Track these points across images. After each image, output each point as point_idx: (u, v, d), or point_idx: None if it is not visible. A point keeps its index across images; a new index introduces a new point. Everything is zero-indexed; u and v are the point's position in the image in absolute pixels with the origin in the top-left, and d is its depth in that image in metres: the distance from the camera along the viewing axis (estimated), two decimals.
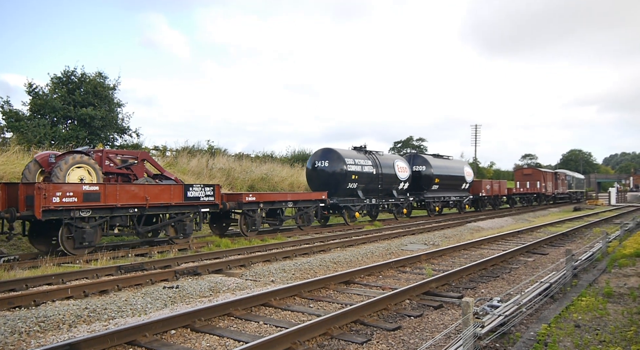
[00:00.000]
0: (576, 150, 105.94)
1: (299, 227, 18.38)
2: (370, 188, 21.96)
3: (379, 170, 22.20)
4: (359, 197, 21.22)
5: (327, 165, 20.36)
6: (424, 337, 5.79)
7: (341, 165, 20.16)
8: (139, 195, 12.63)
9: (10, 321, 6.09)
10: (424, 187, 25.97)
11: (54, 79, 25.63)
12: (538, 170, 41.59)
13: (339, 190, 20.28)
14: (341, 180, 20.16)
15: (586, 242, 15.35)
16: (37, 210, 10.51)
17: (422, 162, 26.23)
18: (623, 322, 5.99)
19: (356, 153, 21.71)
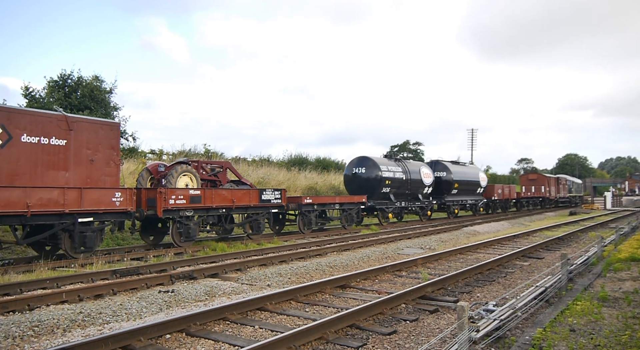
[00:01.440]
0: (572, 155, 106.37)
1: (343, 226, 20.66)
2: (400, 192, 24.40)
3: (408, 176, 24.77)
4: (391, 200, 23.70)
5: (364, 172, 22.94)
6: (420, 341, 5.79)
7: (376, 171, 22.73)
8: (228, 198, 15.12)
9: (4, 326, 6.05)
10: (445, 192, 28.30)
11: (50, 82, 25.60)
12: (543, 175, 43.69)
13: (374, 194, 22.61)
14: (376, 185, 22.65)
15: (582, 246, 15.40)
16: (159, 210, 12.97)
17: (442, 169, 28.65)
18: (618, 326, 6.01)
19: (387, 160, 24.43)
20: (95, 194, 11.66)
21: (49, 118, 11.23)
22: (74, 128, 11.62)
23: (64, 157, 11.45)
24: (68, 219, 11.14)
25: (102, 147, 12.23)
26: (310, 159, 37.74)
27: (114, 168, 12.51)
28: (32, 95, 24.80)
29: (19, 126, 10.62)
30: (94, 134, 12.09)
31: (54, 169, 11.24)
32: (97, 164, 12.08)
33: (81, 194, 11.29)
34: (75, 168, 11.65)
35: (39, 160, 10.98)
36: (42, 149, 11.02)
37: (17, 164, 10.58)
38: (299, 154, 37.69)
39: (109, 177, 12.37)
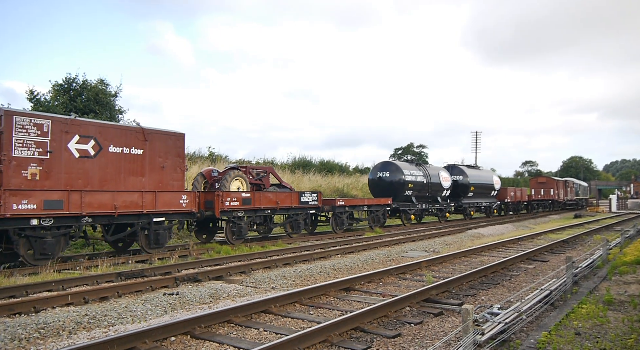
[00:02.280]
0: (577, 157, 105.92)
1: (370, 227, 21.95)
2: (421, 195, 25.78)
3: (428, 179, 26.08)
4: (413, 202, 25.18)
5: (388, 175, 24.31)
6: (424, 345, 5.78)
7: (400, 175, 24.08)
8: (273, 200, 16.73)
9: (10, 327, 6.09)
10: (461, 194, 29.64)
11: (55, 85, 25.74)
12: (552, 178, 45.04)
13: (397, 197, 23.97)
14: (399, 188, 23.97)
15: (587, 249, 15.33)
16: (217, 211, 14.66)
17: (459, 172, 30.01)
18: (624, 329, 5.98)
19: (409, 165, 25.88)
20: (166, 196, 13.36)
21: (130, 131, 12.79)
22: (148, 139, 13.14)
23: (141, 165, 12.98)
24: (145, 219, 12.83)
25: (170, 155, 13.70)
26: (314, 162, 37.76)
27: (180, 173, 14.00)
28: (37, 99, 24.94)
29: (107, 138, 12.20)
30: (164, 144, 13.58)
31: (134, 175, 12.76)
32: (167, 170, 13.59)
33: (155, 197, 13.01)
34: (150, 174, 13.16)
35: (122, 168, 12.52)
36: (125, 158, 12.59)
37: (105, 171, 12.14)
38: (303, 157, 37.74)
39: (176, 182, 13.87)
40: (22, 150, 10.60)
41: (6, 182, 10.31)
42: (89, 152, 11.83)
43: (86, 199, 11.50)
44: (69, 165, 11.41)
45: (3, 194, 10.15)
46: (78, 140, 11.63)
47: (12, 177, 10.40)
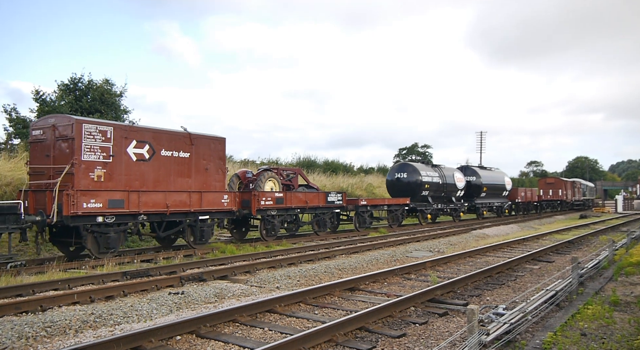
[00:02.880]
0: (582, 158, 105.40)
1: (390, 225, 23.09)
2: (437, 195, 26.66)
3: (443, 180, 26.94)
4: (429, 202, 26.09)
5: (405, 176, 25.27)
6: (429, 345, 5.78)
7: (417, 176, 24.98)
8: (302, 200, 17.81)
9: (18, 326, 6.13)
10: (474, 194, 30.56)
11: (61, 85, 25.87)
12: (560, 179, 45.89)
13: (414, 197, 24.87)
14: (417, 188, 24.86)
15: (592, 250, 15.26)
16: (254, 209, 15.61)
17: (472, 173, 30.98)
18: (630, 330, 5.96)
19: (425, 166, 26.70)
20: (210, 196, 14.40)
21: (178, 135, 13.80)
22: (194, 143, 14.14)
23: (188, 167, 13.97)
24: (192, 217, 13.90)
25: (213, 157, 14.72)
26: (318, 162, 37.79)
27: (221, 175, 15.02)
28: (43, 99, 25.08)
29: (159, 143, 13.24)
30: (208, 147, 14.57)
31: (182, 176, 13.79)
32: (210, 172, 14.60)
33: (201, 197, 14.07)
34: (196, 175, 14.16)
35: (172, 170, 13.55)
36: (174, 161, 13.63)
37: (158, 173, 13.18)
38: (308, 157, 37.77)
39: (218, 183, 14.88)
40: (89, 154, 11.67)
41: (77, 183, 11.36)
42: (144, 155, 12.86)
43: (142, 198, 12.56)
44: (128, 167, 12.47)
45: (75, 194, 11.19)
46: (135, 145, 12.65)
47: (81, 179, 11.48)
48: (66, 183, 11.25)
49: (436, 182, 26.22)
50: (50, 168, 11.80)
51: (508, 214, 35.62)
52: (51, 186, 11.43)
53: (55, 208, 11.06)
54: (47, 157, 11.97)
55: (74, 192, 11.18)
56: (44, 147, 12.15)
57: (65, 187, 11.20)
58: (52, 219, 11.07)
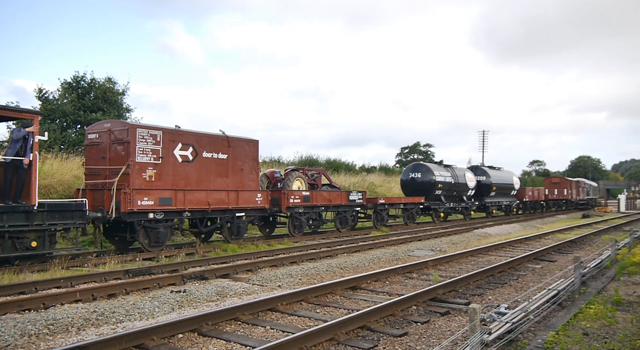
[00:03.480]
0: (585, 157, 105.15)
1: (405, 223, 24.18)
2: (449, 194, 27.60)
3: (455, 180, 27.93)
4: (442, 201, 27.03)
5: (419, 176, 26.27)
6: (431, 344, 5.78)
7: (430, 176, 25.96)
8: (327, 198, 18.83)
9: (20, 324, 6.15)
10: (484, 194, 31.53)
11: (64, 84, 25.92)
12: (565, 179, 46.95)
13: (428, 196, 25.82)
14: (430, 188, 25.84)
15: (595, 249, 15.23)
16: (283, 207, 16.75)
17: (482, 173, 31.91)
18: (632, 330, 5.94)
19: (438, 166, 27.64)
20: (246, 195, 15.41)
21: (217, 138, 14.79)
22: (231, 145, 15.11)
23: (226, 168, 14.96)
24: (229, 214, 14.91)
25: (247, 159, 15.73)
26: (320, 161, 37.76)
27: (255, 175, 16.07)
28: (46, 97, 25.14)
29: (201, 145, 14.20)
30: (243, 149, 15.57)
31: (221, 176, 14.77)
32: (245, 172, 15.62)
33: (238, 195, 15.05)
34: (233, 175, 15.16)
35: (212, 170, 14.50)
36: (214, 162, 14.60)
37: (200, 173, 14.15)
38: (310, 156, 37.74)
39: (252, 182, 15.89)
40: (142, 156, 12.67)
41: (132, 183, 12.35)
42: (188, 157, 13.84)
43: (187, 196, 13.57)
44: (174, 168, 13.46)
45: (131, 192, 12.18)
46: (181, 148, 13.63)
47: (135, 179, 12.47)
48: (122, 182, 12.23)
49: (449, 182, 27.14)
50: (107, 169, 12.80)
51: (516, 213, 36.48)
52: (107, 185, 12.42)
53: (114, 205, 12.07)
54: (103, 158, 13.01)
55: (130, 191, 12.19)
56: (99, 150, 13.18)
57: (121, 186, 12.16)
58: (110, 215, 12.03)
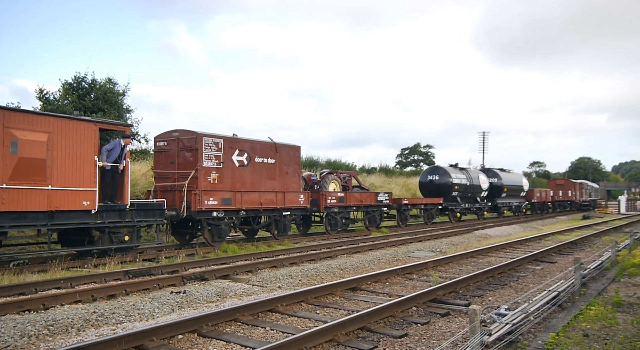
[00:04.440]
0: (585, 158, 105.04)
1: (425, 222, 25.73)
2: (464, 195, 29.15)
3: (470, 182, 29.34)
4: (458, 202, 28.52)
5: (437, 178, 27.73)
6: (431, 345, 5.77)
7: (447, 178, 27.40)
8: (358, 199, 20.55)
9: (20, 324, 6.14)
10: (496, 195, 33.01)
11: (64, 84, 25.92)
12: (569, 181, 48.62)
13: (445, 197, 27.23)
14: (447, 189, 27.29)
15: (595, 250, 15.22)
16: (322, 207, 18.45)
17: (493, 175, 33.48)
18: (632, 332, 5.94)
19: (454, 169, 28.90)
20: (291, 195, 17.06)
21: (267, 145, 16.42)
22: (278, 151, 16.74)
23: (274, 171, 16.57)
24: (277, 212, 16.50)
25: (291, 163, 17.31)
26: (320, 162, 37.73)
27: (297, 177, 17.67)
28: (47, 97, 25.13)
29: (254, 151, 15.85)
30: (287, 154, 17.17)
31: (269, 179, 16.37)
32: (289, 175, 17.17)
33: (284, 196, 16.71)
34: (279, 178, 16.73)
35: (263, 173, 16.14)
36: (264, 166, 16.21)
37: (253, 176, 15.75)
38: (310, 156, 37.68)
39: (295, 184, 17.51)
40: (207, 161, 14.18)
41: (200, 185, 13.87)
42: (244, 162, 15.44)
43: (244, 197, 15.19)
44: (233, 172, 15.01)
45: (200, 193, 13.75)
46: (237, 154, 15.20)
47: (202, 182, 13.99)
48: (191, 185, 13.76)
49: (464, 184, 28.52)
50: (175, 173, 14.34)
51: (525, 213, 38.06)
52: (177, 187, 14.01)
53: (185, 205, 13.60)
54: (172, 163, 14.55)
55: (199, 192, 13.75)
56: (168, 156, 14.76)
57: (191, 188, 13.72)
58: (182, 213, 13.55)
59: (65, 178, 10.74)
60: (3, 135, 9.74)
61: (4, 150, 9.73)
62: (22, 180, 10.02)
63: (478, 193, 30.49)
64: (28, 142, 10.11)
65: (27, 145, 10.08)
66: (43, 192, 10.35)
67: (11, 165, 9.85)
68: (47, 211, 10.41)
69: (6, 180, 9.76)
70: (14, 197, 9.91)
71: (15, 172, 9.91)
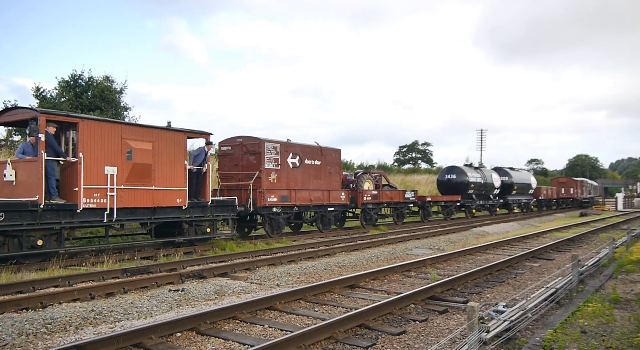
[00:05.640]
0: (582, 155, 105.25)
1: (445, 218, 27.79)
2: (479, 193, 31.00)
3: (484, 180, 31.21)
4: (474, 199, 30.29)
5: (454, 177, 29.70)
6: (429, 342, 5.78)
7: (464, 177, 29.37)
8: (389, 196, 22.72)
9: (18, 323, 6.13)
10: (506, 193, 34.90)
11: (61, 82, 25.81)
12: (572, 179, 51.13)
13: (462, 195, 29.08)
14: (464, 187, 29.24)
15: (592, 247, 15.26)
16: (359, 203, 20.66)
17: (504, 174, 35.22)
18: (630, 328, 5.96)
19: (469, 168, 30.90)
20: (334, 193, 19.32)
21: (314, 148, 18.64)
22: (323, 153, 18.99)
23: (320, 172, 18.80)
24: (323, 208, 18.78)
25: (333, 164, 19.57)
26: None
27: (339, 177, 19.89)
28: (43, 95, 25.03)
29: (304, 154, 18.08)
30: (330, 156, 19.42)
31: (316, 179, 18.58)
32: (332, 175, 19.40)
33: (329, 194, 18.97)
34: (324, 178, 18.96)
35: (311, 174, 18.34)
36: (312, 167, 18.42)
37: (304, 176, 17.97)
38: None
39: (337, 183, 19.74)
40: (268, 164, 16.28)
41: (263, 184, 16.00)
42: (296, 164, 17.58)
43: (297, 194, 17.33)
44: (288, 172, 17.14)
45: (263, 191, 15.93)
46: (291, 156, 17.37)
47: (265, 181, 16.12)
48: (255, 184, 15.82)
49: (479, 182, 30.42)
50: (240, 174, 16.46)
51: (533, 210, 40.27)
52: (241, 186, 16.11)
53: (251, 201, 15.64)
54: (236, 165, 16.70)
55: (263, 190, 15.90)
56: (232, 159, 16.94)
57: (255, 187, 15.79)
58: (250, 209, 15.59)
59: (164, 179, 12.70)
60: (121, 145, 11.69)
61: (122, 157, 11.70)
62: (134, 182, 12.01)
63: (491, 191, 32.35)
64: (140, 151, 12.09)
65: (139, 153, 12.06)
66: (149, 191, 12.37)
67: (127, 170, 11.79)
68: (151, 207, 12.47)
69: (123, 182, 11.71)
70: (129, 196, 11.91)
71: (130, 176, 11.88)
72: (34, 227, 10.18)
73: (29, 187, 10.43)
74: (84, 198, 10.93)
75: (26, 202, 10.14)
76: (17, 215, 9.95)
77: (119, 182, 11.54)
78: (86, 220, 11.11)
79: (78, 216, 10.93)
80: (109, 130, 11.50)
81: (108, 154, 11.43)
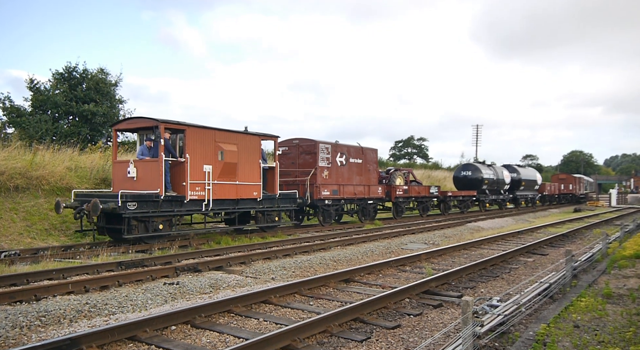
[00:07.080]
0: (577, 152, 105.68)
1: (462, 211, 29.93)
2: (491, 189, 32.92)
3: (496, 176, 33.17)
4: (487, 194, 32.49)
5: (469, 174, 31.72)
6: (424, 336, 5.81)
7: (478, 173, 31.35)
8: (417, 191, 24.92)
9: (12, 315, 6.11)
10: (515, 188, 36.71)
11: (55, 75, 25.61)
12: (571, 176, 53.06)
13: (477, 190, 31.14)
14: (478, 184, 31.21)
15: (586, 243, 15.36)
16: (393, 197, 22.98)
17: (513, 170, 37.07)
18: (622, 322, 6.00)
19: (482, 165, 32.97)
20: (373, 188, 21.61)
21: (356, 148, 20.84)
22: (363, 153, 21.19)
23: (361, 169, 20.98)
24: (364, 201, 21.08)
25: (372, 162, 21.73)
26: None
27: (376, 174, 22.16)
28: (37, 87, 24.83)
29: (349, 153, 20.37)
30: (369, 155, 21.59)
31: (358, 175, 20.80)
32: (371, 172, 21.56)
33: (369, 189, 21.30)
34: (364, 174, 21.16)
35: (354, 171, 20.56)
36: (355, 165, 20.63)
37: (349, 173, 20.21)
38: None
39: (375, 179, 21.92)
40: (321, 162, 18.64)
41: (317, 180, 18.33)
42: (343, 162, 19.84)
43: (344, 189, 19.71)
44: (336, 170, 19.42)
45: (319, 186, 18.30)
46: (339, 156, 19.67)
47: (319, 177, 18.44)
48: (311, 180, 18.13)
49: (492, 179, 32.34)
50: (297, 171, 18.68)
51: (538, 204, 42.29)
52: (298, 182, 18.31)
53: (308, 194, 17.98)
54: (293, 164, 18.95)
55: (319, 185, 18.29)
56: (289, 158, 19.14)
57: (311, 182, 18.12)
58: (307, 201, 17.92)
59: (245, 175, 14.86)
60: (215, 147, 13.86)
61: (215, 157, 13.85)
62: (224, 177, 14.16)
63: (502, 186, 34.41)
64: (228, 152, 14.21)
65: (228, 154, 14.17)
66: (234, 186, 14.54)
67: (219, 168, 13.96)
68: (235, 199, 14.62)
69: (216, 177, 13.89)
70: (220, 189, 14.07)
71: (222, 173, 14.07)
72: (156, 214, 12.57)
73: (150, 182, 12.74)
74: (190, 191, 13.15)
75: (151, 194, 12.46)
76: (144, 204, 12.33)
77: (213, 177, 13.75)
78: (191, 209, 13.45)
79: (185, 206, 13.23)
80: (207, 135, 13.65)
81: (206, 154, 13.60)
